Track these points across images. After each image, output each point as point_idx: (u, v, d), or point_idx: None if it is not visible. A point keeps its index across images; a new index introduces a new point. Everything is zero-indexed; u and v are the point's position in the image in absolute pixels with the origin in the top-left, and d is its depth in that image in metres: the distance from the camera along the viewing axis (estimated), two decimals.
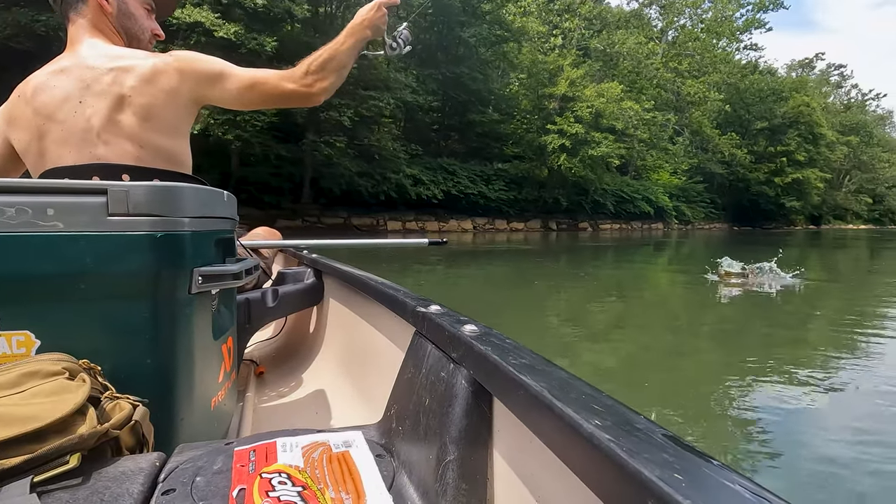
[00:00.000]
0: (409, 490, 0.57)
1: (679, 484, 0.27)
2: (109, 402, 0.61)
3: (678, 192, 33.42)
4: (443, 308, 0.74)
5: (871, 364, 3.02)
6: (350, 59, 1.10)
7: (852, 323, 4.12)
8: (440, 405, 0.59)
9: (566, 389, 0.41)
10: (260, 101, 1.06)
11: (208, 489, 0.52)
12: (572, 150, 22.52)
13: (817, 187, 39.60)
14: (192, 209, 0.72)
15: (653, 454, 0.31)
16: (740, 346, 3.43)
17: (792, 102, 37.42)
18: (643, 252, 12.70)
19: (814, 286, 6.30)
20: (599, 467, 0.33)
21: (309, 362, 1.56)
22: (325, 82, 1.06)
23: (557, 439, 0.39)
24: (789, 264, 6.82)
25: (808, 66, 55.16)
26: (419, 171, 19.94)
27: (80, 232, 0.65)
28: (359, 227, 18.22)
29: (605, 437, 0.33)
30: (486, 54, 23.34)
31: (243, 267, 0.81)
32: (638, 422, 0.36)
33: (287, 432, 0.63)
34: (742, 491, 0.27)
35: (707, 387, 2.62)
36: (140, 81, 0.97)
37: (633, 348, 3.45)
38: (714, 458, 0.31)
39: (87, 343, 0.66)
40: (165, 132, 1.00)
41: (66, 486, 0.49)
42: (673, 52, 35.71)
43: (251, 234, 1.59)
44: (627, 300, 5.45)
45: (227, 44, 12.65)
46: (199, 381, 0.76)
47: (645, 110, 25.87)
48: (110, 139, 0.96)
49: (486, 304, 4.85)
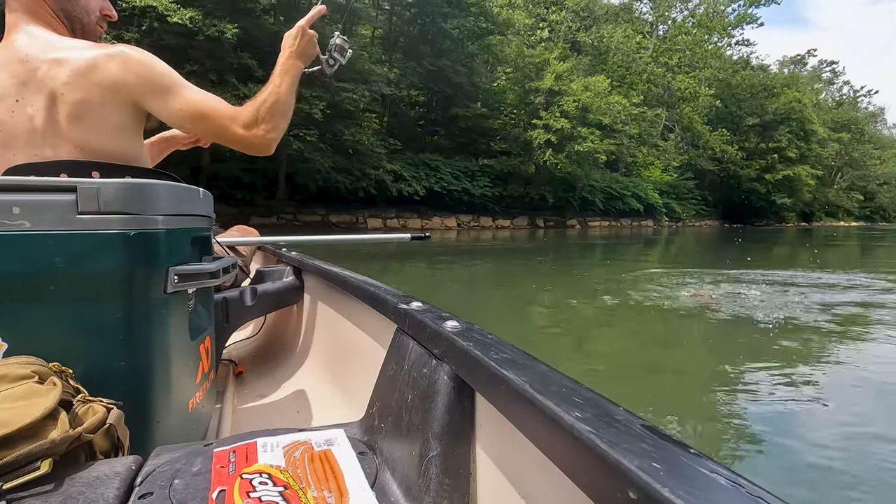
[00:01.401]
0: (391, 487, 0.59)
1: (657, 472, 0.29)
2: (82, 405, 0.61)
3: (668, 188, 33.94)
4: (424, 304, 0.77)
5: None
6: (292, 99, 1.07)
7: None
8: (422, 401, 0.62)
9: (547, 383, 0.43)
10: (203, 134, 1.01)
11: (187, 492, 0.53)
12: (558, 146, 22.70)
13: (808, 184, 40.49)
14: (166, 207, 0.73)
15: (632, 444, 0.33)
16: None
17: (783, 98, 38.23)
18: (628, 252, 12.85)
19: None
20: (580, 458, 0.35)
21: (289, 361, 1.59)
22: (275, 132, 1.03)
23: (539, 432, 0.41)
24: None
25: (799, 62, 56.54)
26: (401, 167, 19.88)
27: (49, 231, 0.66)
28: (337, 225, 18.11)
29: (585, 429, 0.35)
30: (471, 47, 23.40)
31: (220, 265, 0.82)
32: (617, 413, 0.38)
33: (268, 432, 0.65)
34: (717, 478, 0.30)
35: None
36: (74, 76, 0.90)
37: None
38: (691, 447, 0.34)
39: (57, 346, 0.67)
40: (107, 133, 0.93)
41: (38, 493, 0.49)
42: (664, 46, 36.25)
43: (229, 232, 1.60)
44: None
45: (183, 30, 12.24)
46: (176, 382, 0.77)
47: (633, 105, 26.27)
48: (56, 141, 0.91)
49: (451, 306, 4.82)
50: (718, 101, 37.18)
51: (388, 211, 20.03)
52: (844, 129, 49.46)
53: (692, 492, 0.28)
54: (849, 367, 3.09)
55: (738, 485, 0.29)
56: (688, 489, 0.28)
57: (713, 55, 38.54)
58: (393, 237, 2.07)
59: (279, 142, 1.06)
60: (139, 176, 0.79)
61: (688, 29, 37.86)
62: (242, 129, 0.99)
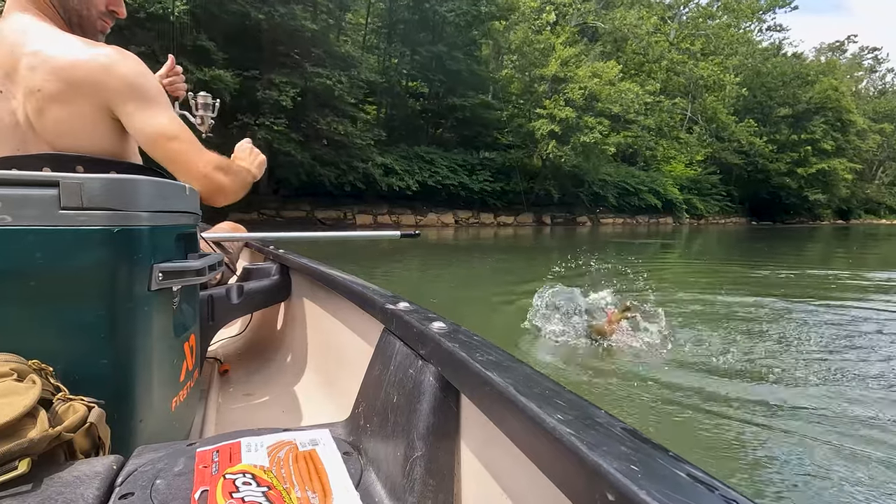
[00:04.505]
0: (376, 487, 0.65)
1: (635, 475, 0.32)
2: (62, 404, 0.65)
3: (690, 184, 34.06)
4: (411, 305, 0.83)
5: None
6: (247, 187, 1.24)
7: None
8: (408, 402, 0.67)
9: (531, 385, 0.48)
10: (164, 157, 1.04)
11: (169, 492, 0.57)
12: (562, 137, 22.73)
13: (846, 179, 40.50)
14: (150, 203, 0.78)
15: (611, 447, 0.36)
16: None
17: (818, 87, 38.16)
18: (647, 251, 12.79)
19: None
20: (561, 460, 0.38)
21: (275, 360, 1.68)
22: (234, 190, 1.17)
23: (522, 434, 0.45)
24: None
25: (838, 49, 56.28)
26: (393, 160, 19.92)
27: (30, 226, 0.70)
28: (323, 221, 18.18)
29: (566, 431, 0.38)
30: (474, 34, 23.43)
31: (206, 263, 0.88)
32: (598, 416, 0.43)
33: (252, 432, 0.70)
34: (694, 480, 0.34)
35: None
36: (52, 71, 0.92)
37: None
38: (670, 450, 0.38)
39: (37, 343, 0.71)
40: (89, 129, 0.96)
41: (16, 493, 0.53)
42: (685, 32, 36.19)
43: (216, 228, 1.68)
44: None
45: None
46: (159, 380, 0.82)
47: (648, 93, 26.16)
48: (37, 135, 0.94)
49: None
50: (745, 90, 37.20)
51: (380, 206, 20.08)
52: (887, 119, 49.36)
53: (668, 494, 0.30)
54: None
55: (713, 487, 0.32)
56: (664, 491, 0.31)
57: (740, 41, 38.49)
58: (382, 234, 2.14)
59: (227, 202, 1.19)
60: (124, 171, 0.84)
61: (713, 13, 37.77)
62: (210, 166, 1.10)
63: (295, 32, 16.49)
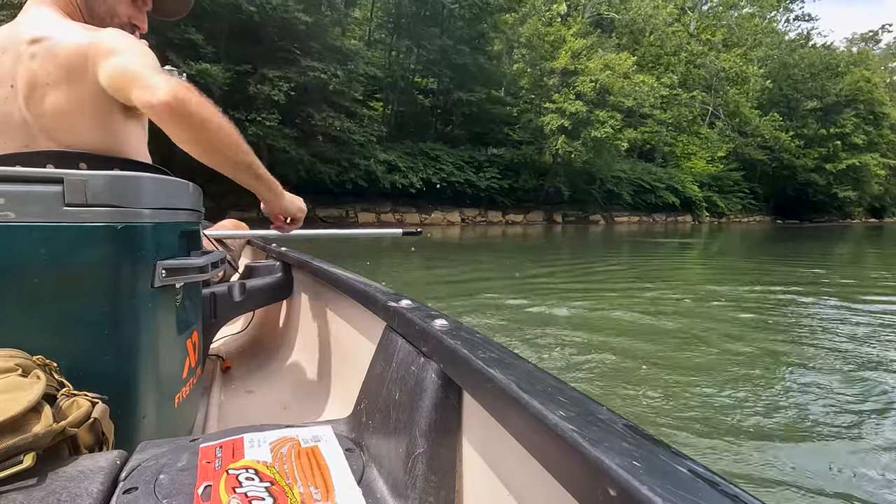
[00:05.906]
0: (378, 483, 0.68)
1: (637, 470, 0.34)
2: (66, 399, 0.68)
3: (710, 181, 33.80)
4: (414, 303, 0.86)
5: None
6: (229, 161, 1.02)
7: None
8: (410, 399, 0.70)
9: (533, 382, 0.50)
10: (120, 87, 0.94)
11: (172, 487, 0.60)
12: (572, 132, 22.62)
13: (878, 175, 39.93)
14: (154, 200, 0.82)
15: (613, 443, 0.37)
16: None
17: (849, 78, 37.68)
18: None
19: None
20: (563, 456, 0.40)
21: (277, 357, 1.73)
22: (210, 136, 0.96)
23: (524, 431, 0.47)
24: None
25: (871, 39, 55.58)
26: (396, 157, 19.93)
27: (34, 222, 0.74)
28: (324, 220, 18.24)
29: (568, 428, 0.40)
30: (482, 27, 23.42)
31: (209, 260, 0.91)
32: (600, 412, 0.45)
33: (254, 428, 0.74)
34: (695, 476, 0.35)
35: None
36: (55, 63, 0.93)
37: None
38: (671, 446, 0.40)
39: (41, 339, 0.75)
40: (92, 123, 0.97)
41: (21, 487, 0.55)
42: (706, 23, 35.82)
43: (218, 226, 1.73)
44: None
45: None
46: (162, 377, 0.86)
47: (664, 86, 25.99)
48: (42, 131, 0.95)
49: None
50: (770, 83, 36.79)
51: (383, 205, 20.13)
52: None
53: (670, 489, 0.32)
54: None
55: (714, 483, 0.33)
56: (666, 486, 0.32)
57: (765, 31, 38.07)
58: (384, 232, 2.20)
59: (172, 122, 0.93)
60: (128, 168, 0.88)
61: (735, 2, 37.37)
62: (172, 82, 0.92)
63: (288, 25, 16.50)
